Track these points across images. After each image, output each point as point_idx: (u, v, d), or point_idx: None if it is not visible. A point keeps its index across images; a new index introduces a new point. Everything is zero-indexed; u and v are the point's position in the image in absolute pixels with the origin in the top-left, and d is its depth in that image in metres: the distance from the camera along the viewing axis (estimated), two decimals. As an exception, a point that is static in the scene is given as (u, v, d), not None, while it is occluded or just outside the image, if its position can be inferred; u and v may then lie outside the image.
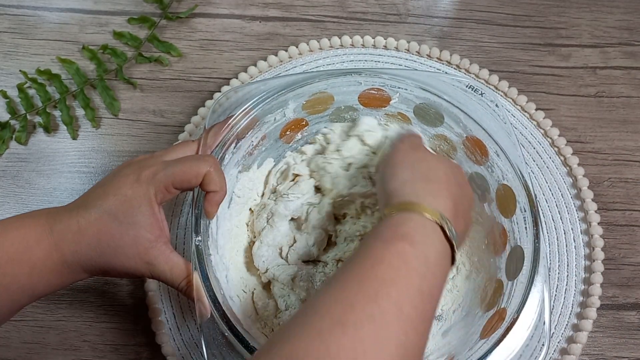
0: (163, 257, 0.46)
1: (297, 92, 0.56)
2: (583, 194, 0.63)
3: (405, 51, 0.70)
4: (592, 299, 0.59)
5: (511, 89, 0.68)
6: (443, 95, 0.55)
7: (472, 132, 0.55)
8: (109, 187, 0.46)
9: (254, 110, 0.54)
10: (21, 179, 0.64)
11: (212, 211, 0.49)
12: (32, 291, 0.45)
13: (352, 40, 0.70)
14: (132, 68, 0.70)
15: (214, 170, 0.48)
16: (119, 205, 0.45)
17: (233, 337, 0.45)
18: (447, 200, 0.43)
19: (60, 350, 0.57)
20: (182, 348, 0.56)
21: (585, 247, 0.62)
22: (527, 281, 0.49)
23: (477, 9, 0.75)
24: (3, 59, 0.69)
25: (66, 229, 0.44)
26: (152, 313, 0.57)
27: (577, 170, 0.64)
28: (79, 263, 0.45)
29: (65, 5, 0.73)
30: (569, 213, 0.63)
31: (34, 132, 0.66)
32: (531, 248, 0.50)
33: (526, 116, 0.67)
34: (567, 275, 0.61)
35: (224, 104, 0.56)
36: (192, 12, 0.72)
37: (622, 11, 0.75)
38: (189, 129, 0.65)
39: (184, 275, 0.46)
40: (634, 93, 0.71)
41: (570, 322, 0.59)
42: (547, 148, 0.66)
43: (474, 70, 0.69)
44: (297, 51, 0.69)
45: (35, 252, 0.43)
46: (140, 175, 0.46)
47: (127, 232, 0.45)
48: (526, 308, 0.47)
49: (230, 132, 0.53)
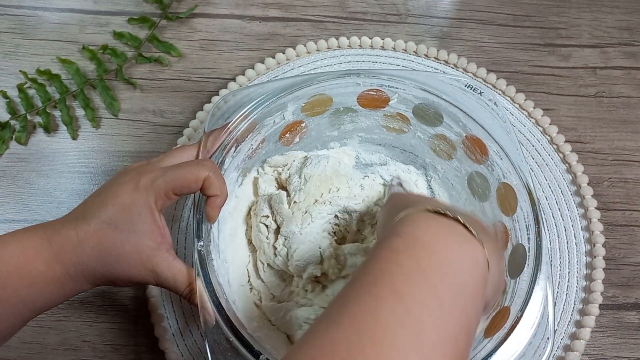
0: (166, 264, 0.45)
1: (295, 95, 0.56)
2: (582, 191, 0.63)
3: (403, 51, 0.70)
4: (594, 295, 0.59)
5: (509, 87, 0.68)
6: (442, 95, 0.55)
7: (472, 131, 0.55)
8: (107, 196, 0.46)
9: (253, 113, 0.54)
10: (21, 179, 0.64)
11: (214, 215, 0.49)
12: (34, 304, 0.44)
13: (349, 41, 0.70)
14: (132, 68, 0.70)
15: (214, 174, 0.47)
16: (119, 214, 0.44)
17: (237, 342, 0.45)
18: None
19: (60, 350, 0.57)
20: (186, 353, 0.56)
21: (587, 243, 0.62)
22: (530, 279, 0.48)
23: (477, 9, 0.75)
24: (3, 59, 0.69)
25: (65, 241, 0.44)
26: (155, 319, 0.57)
27: (577, 167, 0.64)
28: (82, 274, 0.44)
29: (65, 5, 0.73)
30: (569, 210, 0.63)
31: (34, 132, 0.66)
32: (533, 246, 0.50)
33: (524, 114, 0.67)
34: (569, 272, 0.61)
35: (223, 107, 0.55)
36: (192, 12, 0.72)
37: (622, 11, 0.75)
38: (188, 132, 0.65)
39: (186, 282, 0.46)
40: (634, 93, 0.71)
41: (573, 319, 0.59)
42: (546, 145, 0.66)
43: (471, 69, 0.69)
44: (295, 53, 0.69)
45: (35, 265, 0.43)
46: (138, 182, 0.46)
47: (128, 240, 0.44)
48: (530, 306, 0.47)
49: (230, 136, 0.53)
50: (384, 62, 0.70)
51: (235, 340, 0.45)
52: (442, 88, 0.56)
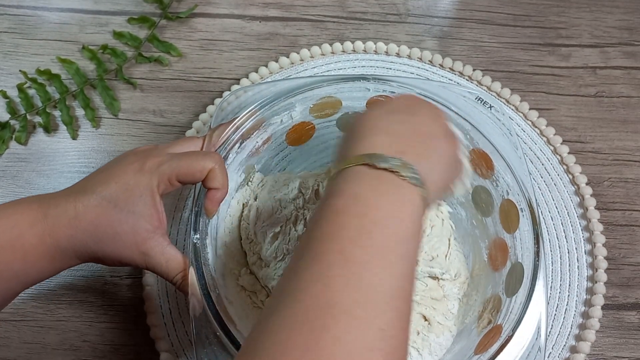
0: (159, 249, 0.45)
1: (305, 95, 0.55)
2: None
3: (418, 59, 0.70)
4: (591, 322, 0.58)
5: (522, 104, 0.68)
6: (451, 106, 0.55)
7: (479, 144, 0.54)
8: (110, 174, 0.46)
9: (260, 111, 0.54)
10: (21, 179, 0.64)
11: (212, 209, 0.49)
12: (26, 278, 0.44)
13: (364, 45, 0.70)
14: (132, 68, 0.70)
15: (219, 167, 0.47)
16: (120, 193, 0.44)
17: (225, 337, 0.45)
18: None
19: (60, 350, 0.57)
20: (177, 344, 0.56)
21: (589, 268, 0.61)
22: (525, 299, 0.48)
23: (477, 9, 0.75)
24: (3, 59, 0.69)
25: (62, 214, 0.44)
26: (149, 308, 0.57)
27: (585, 190, 0.64)
28: (73, 249, 0.44)
29: (65, 5, 0.73)
30: (574, 232, 0.62)
31: (34, 132, 0.66)
32: (531, 266, 0.49)
33: (536, 132, 0.67)
34: (568, 296, 0.60)
35: (232, 102, 0.55)
36: (192, 12, 0.72)
37: (622, 11, 0.75)
38: (191, 134, 0.64)
39: (179, 269, 0.46)
40: (634, 93, 0.71)
41: (568, 344, 0.58)
42: (556, 165, 0.65)
43: (486, 82, 0.69)
44: (309, 54, 0.69)
45: (28, 238, 0.43)
46: (144, 164, 0.46)
47: (126, 220, 0.44)
48: (522, 326, 0.47)
49: (236, 132, 0.53)
50: (397, 69, 0.70)
51: (222, 334, 0.45)
52: (452, 99, 0.55)
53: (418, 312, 0.55)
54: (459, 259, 0.58)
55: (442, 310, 0.55)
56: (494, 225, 0.55)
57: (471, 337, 0.51)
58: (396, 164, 0.39)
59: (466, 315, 0.55)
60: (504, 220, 0.54)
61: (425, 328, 0.54)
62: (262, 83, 0.63)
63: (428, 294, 0.55)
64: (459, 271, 0.57)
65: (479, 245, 0.57)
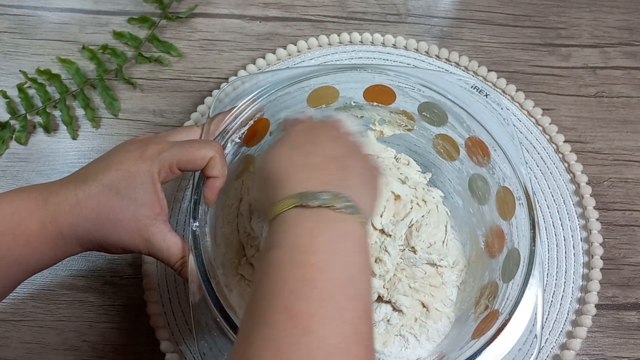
0: (161, 235, 0.46)
1: (301, 85, 0.55)
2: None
3: (415, 51, 0.70)
4: (587, 307, 0.59)
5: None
6: (447, 95, 0.55)
7: (475, 133, 0.55)
8: (111, 161, 0.46)
9: (258, 100, 0.54)
10: (21, 179, 0.64)
11: (211, 197, 0.49)
12: (27, 265, 0.44)
13: (361, 37, 0.70)
14: (132, 68, 0.70)
15: (219, 156, 0.48)
16: (121, 180, 0.45)
17: (224, 323, 0.45)
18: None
19: (60, 350, 0.57)
20: (177, 333, 0.57)
21: (585, 254, 0.61)
22: (521, 284, 0.48)
23: (477, 9, 0.75)
24: (3, 59, 0.69)
25: (63, 202, 0.44)
26: (149, 297, 0.57)
27: (581, 178, 0.64)
28: (76, 236, 0.45)
29: (65, 5, 0.73)
30: (570, 219, 0.63)
31: (34, 132, 0.66)
32: (527, 251, 0.50)
33: (532, 121, 0.67)
34: (565, 282, 0.60)
35: (230, 93, 0.56)
36: (192, 12, 0.72)
37: (622, 11, 0.75)
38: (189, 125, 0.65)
39: (179, 255, 0.46)
40: (634, 93, 0.71)
41: (565, 329, 0.59)
42: (552, 154, 0.66)
43: (482, 72, 0.69)
44: (306, 45, 0.69)
45: (29, 225, 0.43)
46: (145, 151, 0.46)
47: (127, 207, 0.44)
48: (519, 310, 0.47)
49: (234, 121, 0.53)
50: (394, 60, 0.70)
51: (222, 320, 0.45)
52: (448, 88, 0.55)
53: (417, 299, 0.55)
54: (457, 247, 0.58)
55: (440, 297, 0.56)
56: (491, 213, 0.55)
57: (468, 323, 0.52)
58: (327, 198, 0.39)
59: (464, 301, 0.55)
60: (501, 207, 0.54)
61: (423, 314, 0.55)
62: (259, 73, 0.63)
63: (427, 281, 0.56)
64: (457, 259, 0.57)
65: (476, 232, 0.57)
